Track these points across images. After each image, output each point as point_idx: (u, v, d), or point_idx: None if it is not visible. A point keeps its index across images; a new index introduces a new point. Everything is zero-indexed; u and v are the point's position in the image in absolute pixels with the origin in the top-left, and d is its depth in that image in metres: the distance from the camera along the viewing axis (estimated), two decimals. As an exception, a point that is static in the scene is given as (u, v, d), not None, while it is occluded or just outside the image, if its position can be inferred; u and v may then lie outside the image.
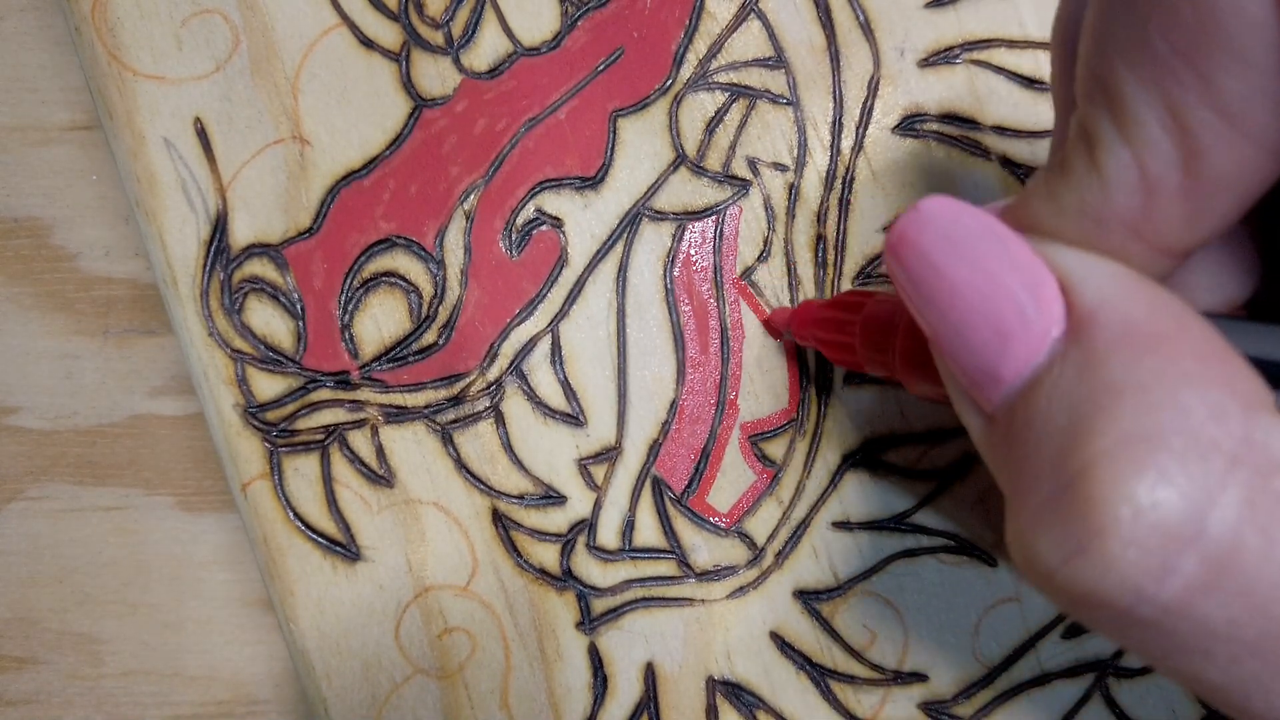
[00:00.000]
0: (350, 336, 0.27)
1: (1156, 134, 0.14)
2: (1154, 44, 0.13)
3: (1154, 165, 0.14)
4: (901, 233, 0.17)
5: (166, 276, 0.27)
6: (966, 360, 0.16)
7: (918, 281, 0.16)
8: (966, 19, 0.27)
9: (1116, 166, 0.15)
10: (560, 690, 0.26)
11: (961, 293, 0.16)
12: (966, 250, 0.16)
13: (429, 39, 0.27)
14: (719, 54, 0.27)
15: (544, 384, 0.27)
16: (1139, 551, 0.12)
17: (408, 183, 0.27)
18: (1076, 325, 0.14)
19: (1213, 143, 0.14)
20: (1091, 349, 0.14)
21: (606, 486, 0.27)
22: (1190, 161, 0.14)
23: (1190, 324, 0.14)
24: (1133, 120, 0.14)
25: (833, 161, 0.27)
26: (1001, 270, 0.15)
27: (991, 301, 0.15)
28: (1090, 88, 0.15)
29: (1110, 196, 0.15)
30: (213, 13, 0.27)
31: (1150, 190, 0.14)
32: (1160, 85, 0.14)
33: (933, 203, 0.16)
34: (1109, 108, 0.14)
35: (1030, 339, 0.15)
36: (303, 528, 0.26)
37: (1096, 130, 0.15)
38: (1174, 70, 0.13)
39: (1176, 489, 0.12)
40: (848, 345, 0.23)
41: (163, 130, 0.27)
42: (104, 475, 0.30)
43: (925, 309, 0.16)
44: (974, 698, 0.26)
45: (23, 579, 0.30)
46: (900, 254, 0.17)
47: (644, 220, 0.27)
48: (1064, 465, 0.13)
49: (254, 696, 0.29)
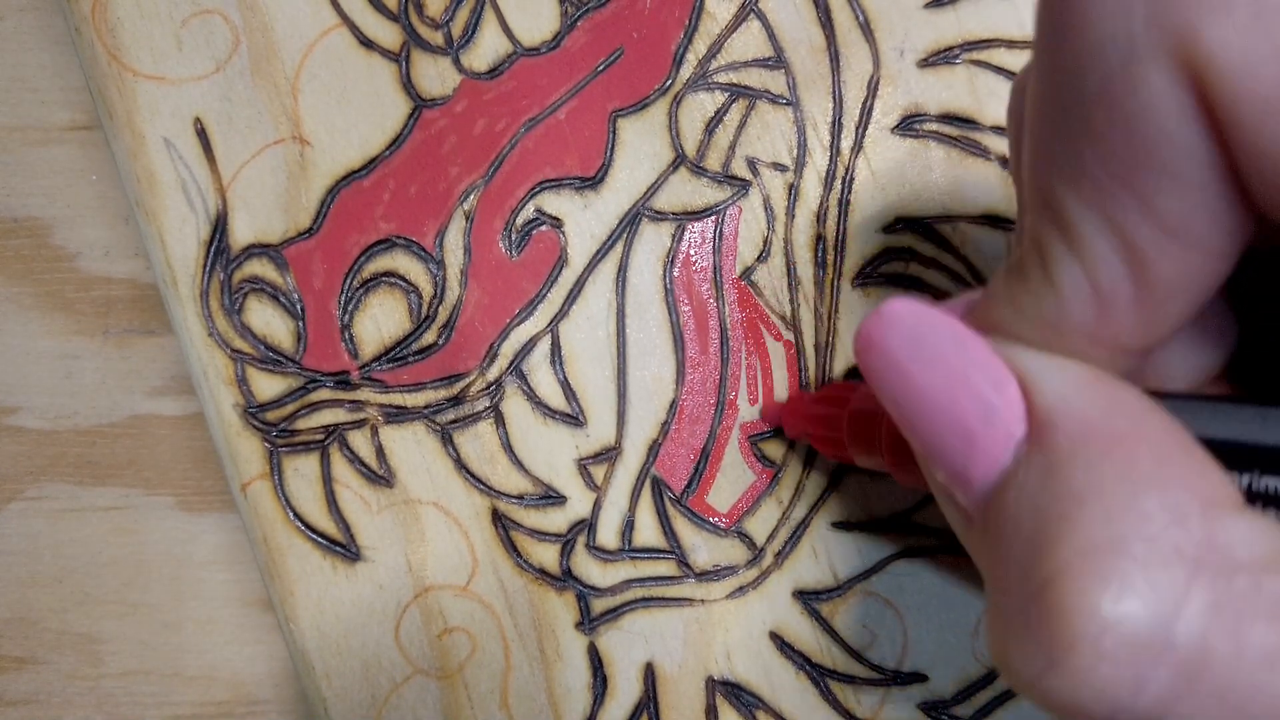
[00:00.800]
0: (350, 336, 0.27)
1: (1103, 250, 0.14)
2: (1090, 169, 0.14)
3: (1104, 280, 0.14)
4: (868, 335, 0.17)
5: (166, 276, 0.27)
6: (938, 460, 0.16)
7: (885, 383, 0.17)
8: (966, 19, 0.27)
9: (1069, 281, 0.15)
10: (560, 690, 0.26)
11: (927, 395, 0.16)
12: (930, 353, 0.16)
13: (429, 39, 0.27)
14: (719, 54, 0.27)
15: (544, 384, 0.27)
16: (1110, 666, 0.12)
17: (407, 183, 0.27)
18: (1036, 427, 0.15)
19: (1159, 256, 0.14)
20: (1052, 452, 0.14)
21: (606, 486, 0.27)
22: (1139, 274, 0.14)
23: (1148, 421, 0.14)
24: (1078, 238, 0.14)
25: (832, 162, 0.27)
26: (963, 372, 0.16)
27: (956, 404, 0.16)
28: (1037, 201, 0.15)
29: (1065, 308, 0.15)
30: (213, 13, 0.27)
31: (1103, 303, 0.15)
32: (1101, 207, 0.14)
33: (895, 305, 0.17)
34: (1055, 224, 0.15)
35: (994, 442, 0.15)
36: (303, 528, 0.26)
37: (1047, 244, 0.15)
38: (1113, 193, 0.14)
39: (1141, 600, 0.12)
40: (838, 440, 0.23)
41: (163, 130, 0.27)
42: (104, 475, 0.30)
43: (895, 409, 0.17)
44: (974, 698, 0.26)
45: (22, 579, 0.30)
46: (867, 357, 0.17)
47: (644, 220, 0.27)
48: (1031, 574, 0.13)
49: (254, 696, 0.29)
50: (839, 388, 0.24)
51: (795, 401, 0.26)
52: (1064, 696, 0.13)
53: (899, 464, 0.21)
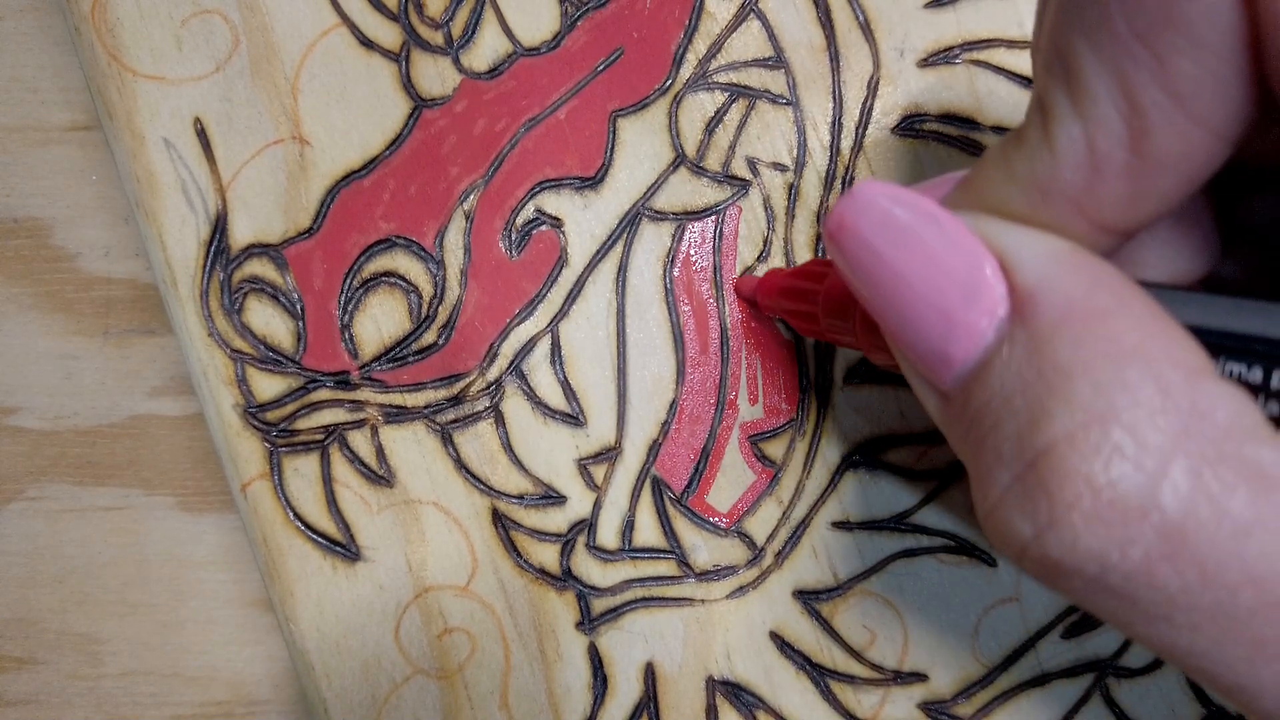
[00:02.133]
0: (350, 336, 0.27)
1: (1108, 111, 0.14)
2: (1114, 23, 0.14)
3: (1102, 141, 0.15)
4: (840, 219, 0.17)
5: (166, 277, 0.27)
6: (915, 343, 0.16)
7: (858, 267, 0.17)
8: (966, 19, 0.27)
9: (1066, 140, 0.15)
10: (560, 690, 0.26)
11: (903, 277, 0.16)
12: (904, 234, 0.16)
13: (429, 39, 0.27)
14: (719, 54, 0.27)
15: (544, 384, 0.27)
16: (1101, 525, 0.13)
17: (407, 183, 0.27)
18: (1019, 305, 0.15)
19: (1161, 123, 0.14)
20: (1036, 329, 0.14)
21: (606, 486, 0.27)
22: (1138, 140, 0.14)
23: (1130, 297, 0.15)
24: (1086, 95, 0.15)
25: (832, 162, 0.27)
26: (940, 252, 0.16)
27: (933, 284, 0.16)
28: (1050, 60, 0.15)
29: (1058, 169, 0.15)
30: (212, 13, 0.27)
31: (1097, 166, 0.15)
32: (1116, 63, 0.14)
33: (868, 187, 0.17)
34: (1065, 81, 0.15)
35: (975, 320, 0.15)
36: (303, 528, 0.26)
37: (1051, 103, 0.15)
38: (1131, 50, 0.14)
39: (1131, 463, 0.13)
40: (811, 315, 0.23)
41: (162, 130, 0.27)
42: (104, 475, 0.30)
43: (869, 294, 0.17)
44: (974, 698, 0.26)
45: (22, 579, 0.30)
46: (839, 240, 0.17)
47: (644, 220, 0.27)
48: (1026, 446, 0.14)
49: (254, 696, 0.29)
50: (816, 263, 0.24)
51: (771, 276, 0.26)
52: (1057, 556, 0.14)
53: (873, 344, 0.20)
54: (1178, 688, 0.26)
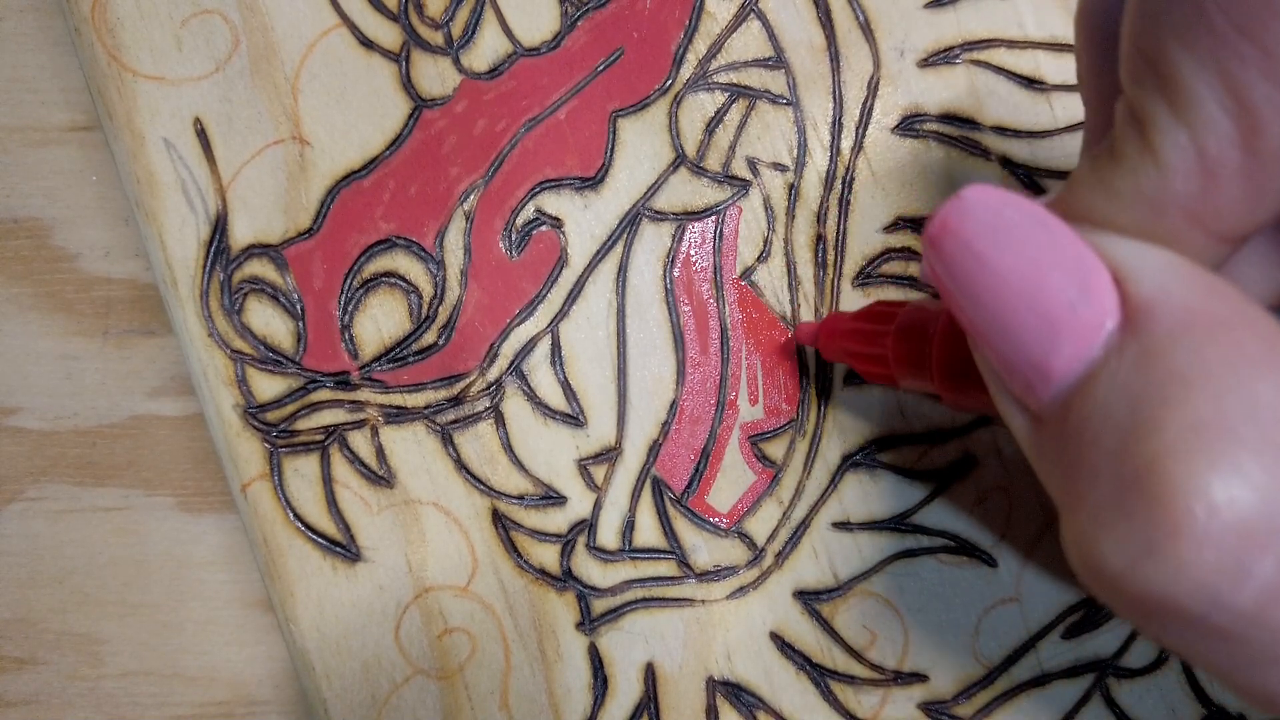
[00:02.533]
0: (350, 337, 0.27)
1: (1214, 113, 0.14)
2: (1211, 19, 0.13)
3: (1213, 145, 0.14)
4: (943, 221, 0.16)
5: (166, 277, 0.27)
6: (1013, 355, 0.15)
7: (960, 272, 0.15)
8: (966, 19, 0.27)
9: (1173, 149, 0.14)
10: (560, 691, 0.26)
11: (1008, 282, 0.15)
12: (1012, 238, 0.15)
13: (429, 39, 0.27)
14: (719, 54, 0.27)
15: (544, 384, 0.27)
16: (1215, 552, 0.11)
17: (407, 183, 0.27)
18: (1133, 316, 0.14)
19: (1274, 117, 0.13)
20: (1152, 340, 0.13)
21: (606, 487, 0.27)
22: (1251, 139, 0.13)
23: (1251, 311, 0.13)
24: (1188, 100, 0.14)
25: (832, 161, 0.27)
26: (1050, 259, 0.15)
27: (1040, 291, 0.14)
28: (1139, 69, 0.14)
29: (1167, 180, 0.14)
30: (212, 13, 0.27)
31: (1209, 172, 0.14)
32: (1218, 62, 0.13)
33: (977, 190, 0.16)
34: (1161, 89, 0.14)
35: (1083, 331, 0.14)
36: (303, 528, 0.26)
37: (1149, 113, 0.14)
38: (1233, 45, 0.13)
39: (1252, 484, 0.11)
40: (880, 358, 0.22)
41: (162, 131, 0.27)
42: (104, 476, 0.30)
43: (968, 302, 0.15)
44: (974, 698, 0.26)
45: (23, 579, 0.30)
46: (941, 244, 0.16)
47: (644, 220, 0.27)
48: (1128, 460, 0.12)
49: (254, 697, 0.29)
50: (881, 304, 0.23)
51: (834, 320, 0.25)
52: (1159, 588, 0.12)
53: (949, 382, 0.20)
54: (1178, 688, 0.26)
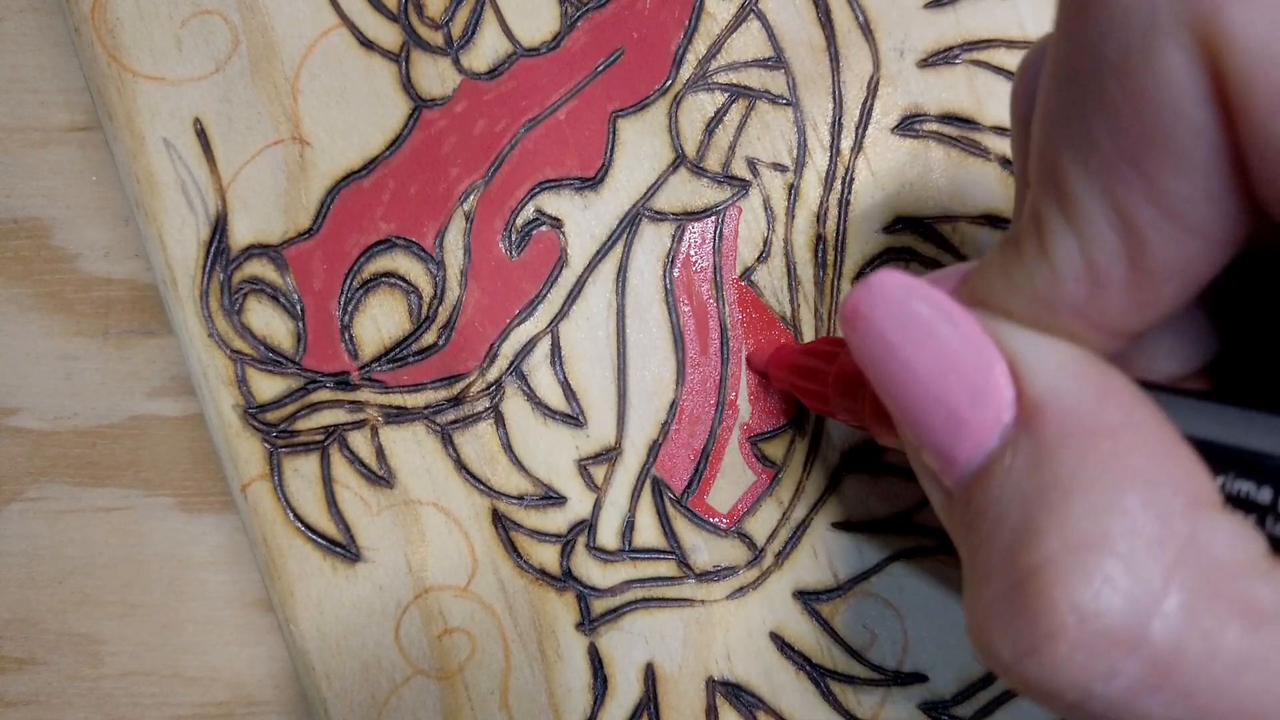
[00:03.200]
0: (350, 337, 0.27)
1: (1102, 228, 0.14)
2: (1099, 144, 0.14)
3: (1101, 259, 0.14)
4: (855, 306, 0.17)
5: (166, 277, 0.27)
6: (922, 437, 0.16)
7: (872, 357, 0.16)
8: (966, 19, 0.27)
9: (1064, 255, 0.15)
10: (560, 691, 0.26)
11: (915, 373, 0.16)
12: (919, 330, 0.16)
13: (428, 40, 0.27)
14: (718, 54, 0.27)
15: (544, 384, 0.27)
16: (1085, 655, 0.13)
17: (407, 183, 0.27)
18: (1026, 414, 0.15)
19: (1158, 238, 0.14)
20: (1041, 441, 0.14)
21: (606, 487, 0.27)
22: (1136, 255, 0.14)
23: (1139, 414, 0.14)
24: (1079, 213, 0.14)
25: (832, 162, 0.27)
26: (953, 352, 0.16)
27: (943, 383, 0.16)
28: (1041, 174, 0.15)
29: (1058, 283, 0.15)
30: (212, 13, 0.27)
31: (1097, 280, 0.14)
32: (1106, 183, 0.14)
33: (884, 278, 0.16)
34: (1057, 198, 0.15)
35: (982, 424, 0.15)
36: (303, 528, 0.26)
37: (1045, 217, 0.15)
38: (1118, 170, 0.13)
39: (1121, 594, 0.13)
40: (821, 394, 0.23)
41: (162, 131, 0.27)
42: (104, 476, 0.30)
43: (879, 384, 0.16)
44: (974, 698, 0.26)
45: (22, 580, 0.30)
46: (854, 327, 0.17)
47: (644, 221, 0.27)
48: (1016, 563, 0.14)
49: (254, 697, 0.29)
50: (828, 341, 0.24)
51: (783, 352, 0.26)
52: (1041, 681, 0.13)
53: (881, 428, 0.20)
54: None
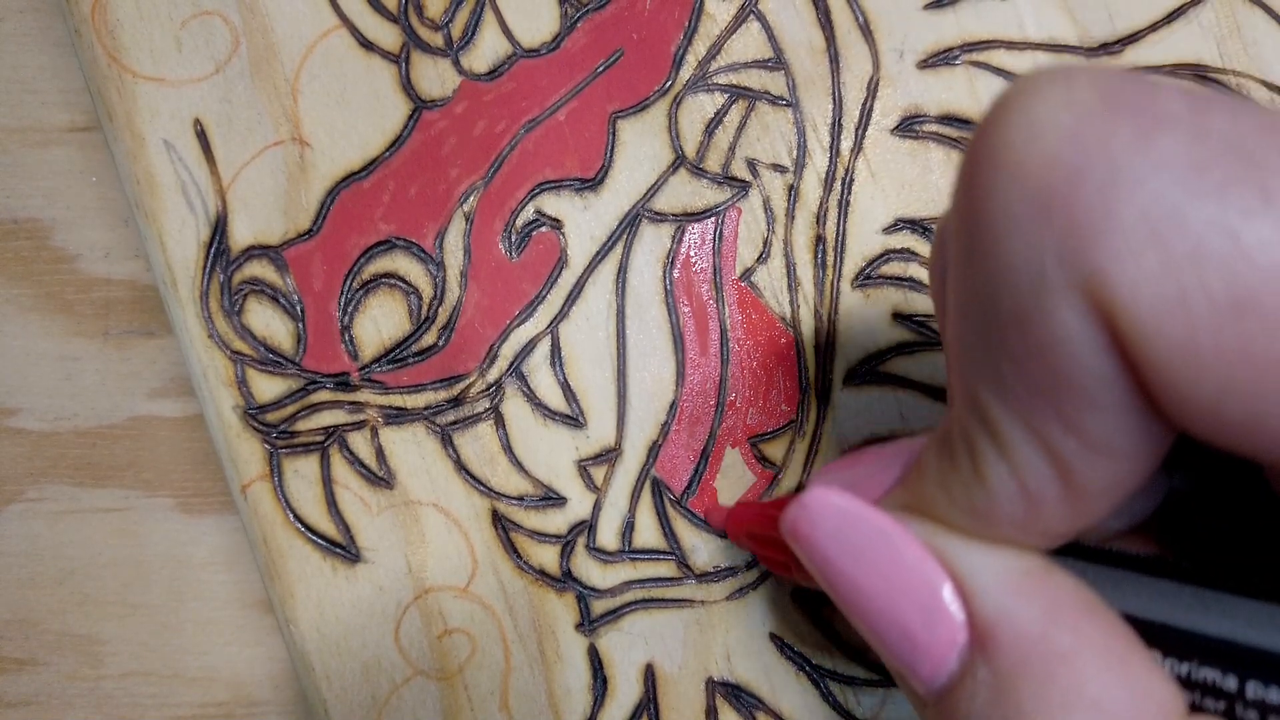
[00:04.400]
0: (350, 338, 0.27)
1: (1029, 456, 0.14)
2: (1010, 384, 0.14)
3: (1031, 482, 0.14)
4: (794, 527, 0.16)
5: (166, 278, 0.27)
6: (884, 652, 0.16)
7: (820, 574, 0.16)
8: (966, 20, 0.27)
9: (996, 479, 0.15)
10: (560, 691, 0.26)
11: (864, 593, 0.16)
12: (860, 552, 0.16)
13: (428, 41, 0.27)
14: (718, 55, 0.27)
15: (544, 385, 0.27)
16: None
17: (407, 184, 0.27)
18: (979, 638, 0.15)
19: (1084, 466, 0.14)
20: (998, 671, 0.14)
21: (606, 488, 0.27)
22: (1066, 479, 0.14)
23: (1090, 631, 0.14)
24: (1005, 442, 0.14)
25: (832, 163, 0.27)
26: (897, 575, 0.16)
27: (894, 605, 0.16)
28: (963, 397, 0.15)
29: (993, 503, 0.15)
30: (212, 14, 0.27)
31: (1031, 500, 0.15)
32: (1024, 418, 0.14)
33: (818, 498, 0.16)
34: (982, 425, 0.15)
35: (937, 648, 0.15)
36: (303, 529, 0.26)
37: (974, 441, 0.15)
38: (1035, 408, 0.14)
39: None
40: (783, 562, 0.22)
41: (162, 132, 0.27)
42: (104, 477, 0.30)
43: (836, 600, 0.16)
44: (974, 699, 0.26)
45: (22, 580, 0.30)
46: (797, 544, 0.16)
47: (643, 221, 0.27)
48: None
49: (254, 698, 0.29)
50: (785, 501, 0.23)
51: (741, 511, 0.25)
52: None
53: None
54: (1177, 689, 0.26)
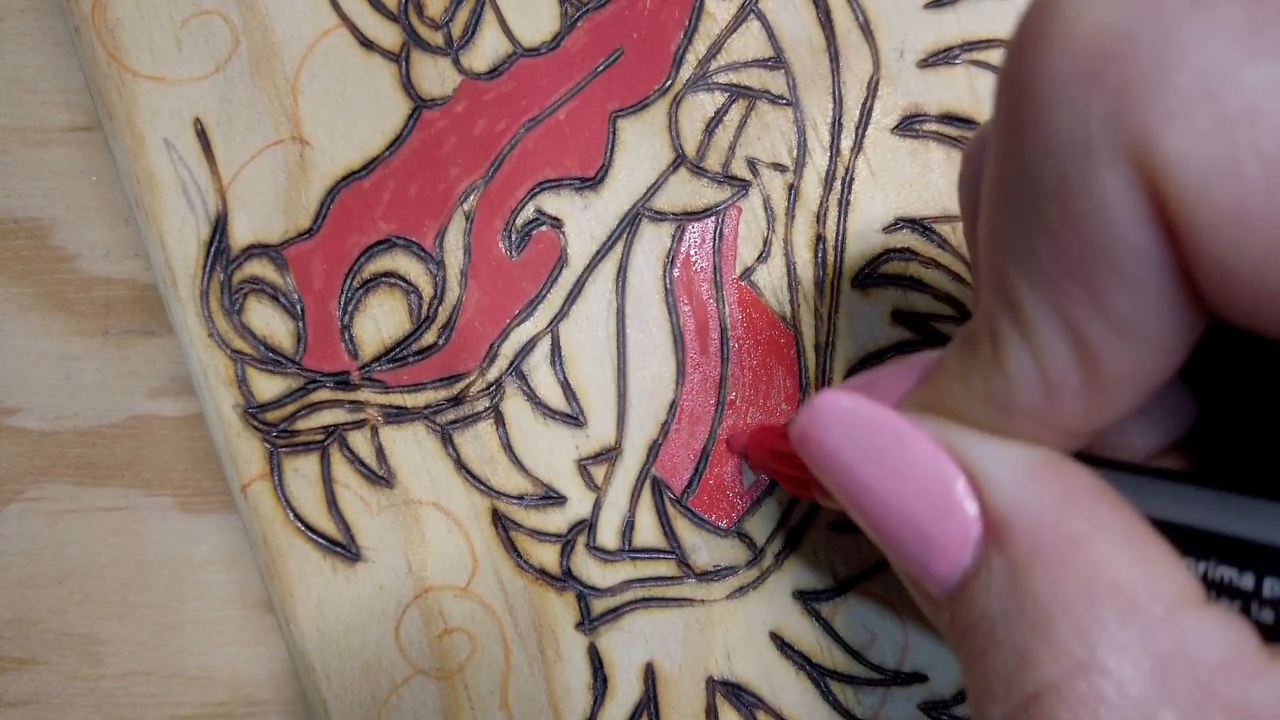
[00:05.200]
0: (350, 337, 0.27)
1: (1053, 341, 0.14)
2: (1043, 260, 0.14)
3: (1053, 368, 0.14)
4: (803, 431, 0.16)
5: (166, 277, 0.27)
6: (896, 554, 0.16)
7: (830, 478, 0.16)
8: (966, 19, 0.27)
9: (1018, 365, 0.15)
10: (560, 691, 0.26)
11: (875, 493, 0.16)
12: (871, 451, 0.16)
13: (429, 40, 0.27)
14: (718, 54, 0.27)
15: (544, 384, 0.27)
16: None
17: (407, 183, 0.27)
18: (993, 530, 0.15)
19: (1108, 350, 0.14)
20: (1013, 560, 0.14)
21: (606, 487, 0.27)
22: (1088, 365, 0.14)
23: (1105, 517, 0.14)
24: (1029, 325, 0.14)
25: (832, 162, 0.27)
26: (910, 473, 0.16)
27: (906, 503, 0.16)
28: (990, 282, 0.15)
29: (1013, 391, 0.15)
30: (212, 13, 0.27)
31: (1051, 389, 0.14)
32: (1053, 298, 0.14)
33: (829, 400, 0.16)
34: (1007, 307, 0.14)
35: (951, 542, 0.15)
36: (303, 528, 0.26)
37: (998, 327, 0.15)
38: (1065, 286, 0.13)
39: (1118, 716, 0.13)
40: (802, 480, 0.22)
41: (162, 131, 0.27)
42: (104, 476, 0.30)
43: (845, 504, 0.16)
44: (974, 698, 0.26)
45: (22, 580, 0.30)
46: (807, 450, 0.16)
47: (643, 221, 0.27)
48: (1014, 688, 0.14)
49: (254, 697, 0.29)
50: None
51: (762, 435, 0.25)
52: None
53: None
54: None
